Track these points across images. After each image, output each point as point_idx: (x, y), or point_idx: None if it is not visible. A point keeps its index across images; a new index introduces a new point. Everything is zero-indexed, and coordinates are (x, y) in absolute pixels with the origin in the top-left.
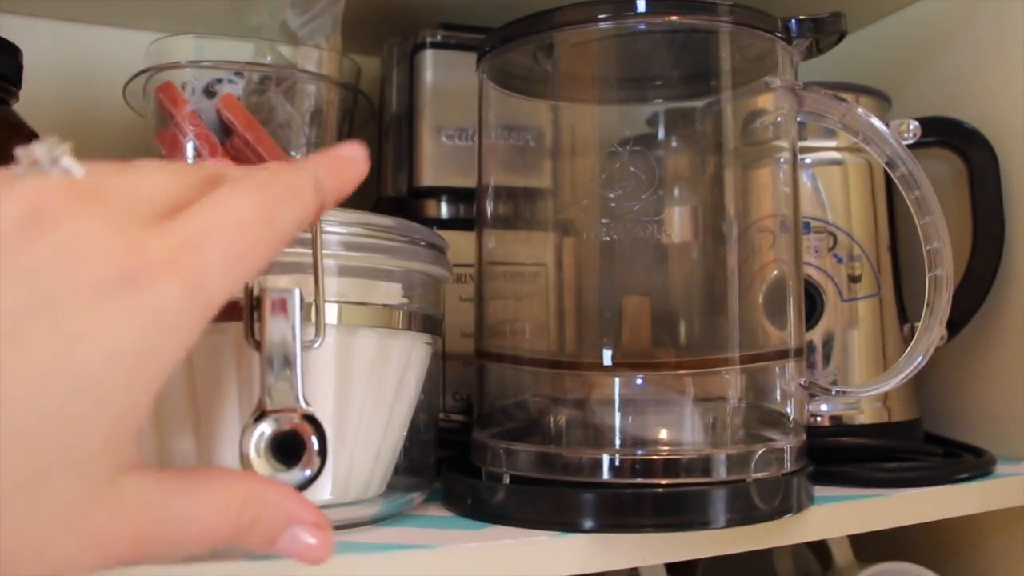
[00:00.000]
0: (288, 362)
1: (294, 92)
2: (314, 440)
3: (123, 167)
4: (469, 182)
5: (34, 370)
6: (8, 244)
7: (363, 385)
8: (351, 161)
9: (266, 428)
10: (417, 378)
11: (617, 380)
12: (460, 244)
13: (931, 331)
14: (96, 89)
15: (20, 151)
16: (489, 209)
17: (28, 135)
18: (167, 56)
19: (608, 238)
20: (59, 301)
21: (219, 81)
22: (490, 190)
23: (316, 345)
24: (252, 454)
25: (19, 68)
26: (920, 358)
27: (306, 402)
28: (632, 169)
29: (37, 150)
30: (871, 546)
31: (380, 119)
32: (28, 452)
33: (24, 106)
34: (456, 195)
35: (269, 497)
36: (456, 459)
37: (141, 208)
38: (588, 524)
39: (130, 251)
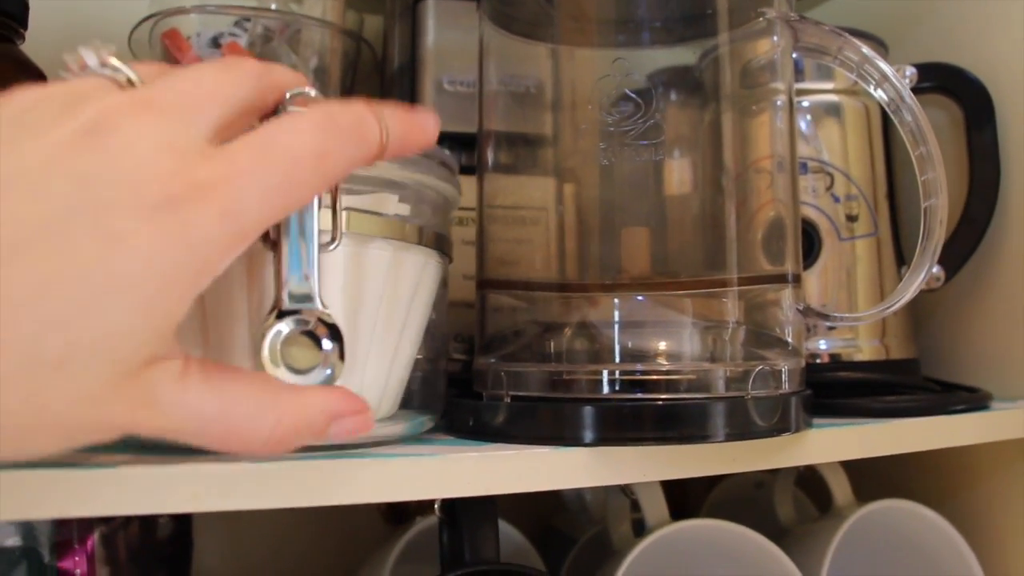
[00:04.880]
0: (306, 261)
1: (298, 42)
2: (331, 341)
3: (181, 73)
4: (469, 128)
5: (75, 265)
6: (68, 147)
7: (376, 297)
8: (423, 128)
9: (283, 328)
10: (428, 297)
11: (616, 300)
12: (462, 188)
13: (926, 257)
14: (100, 36)
15: (68, 56)
16: (491, 154)
17: (35, 72)
18: (172, 3)
19: (607, 162)
20: (106, 208)
21: (225, 34)
22: (492, 135)
23: (332, 247)
24: (267, 354)
25: (25, 7)
26: (919, 280)
27: (323, 303)
28: (631, 94)
29: (85, 54)
30: (870, 486)
31: (383, 73)
32: (60, 335)
33: (29, 53)
34: (458, 141)
35: (306, 407)
36: (459, 392)
37: (197, 123)
38: (588, 437)
39: (178, 172)
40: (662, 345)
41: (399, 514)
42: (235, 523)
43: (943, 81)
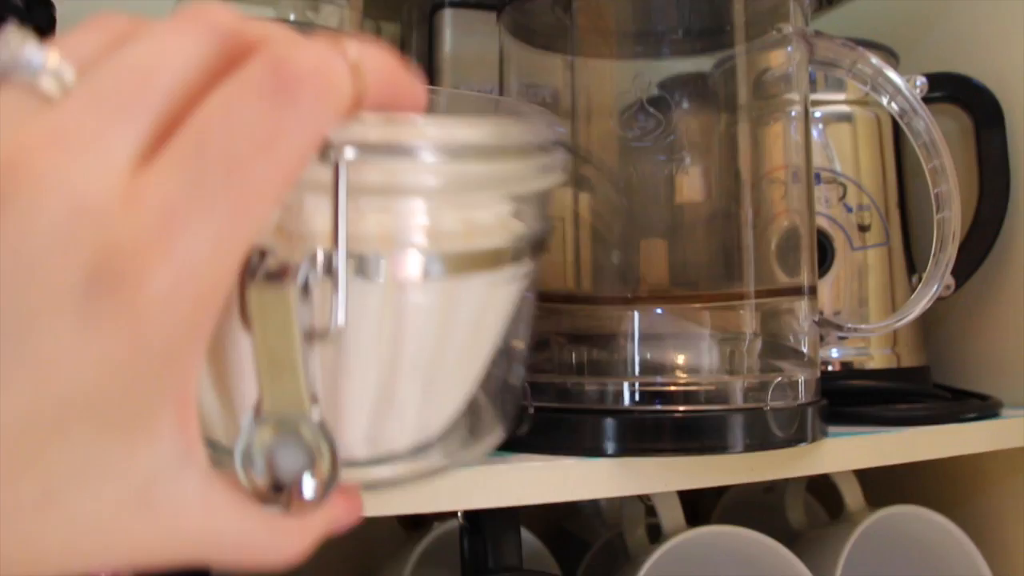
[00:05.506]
0: (287, 358)
1: None
2: (324, 447)
3: (120, 54)
4: None
5: (10, 403)
6: None
7: (457, 348)
8: (411, 89)
9: (265, 436)
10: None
11: (636, 314)
12: None
13: (939, 269)
14: None
15: None
16: None
17: None
18: None
19: (628, 186)
20: (25, 324)
21: None
22: None
23: (332, 331)
24: (242, 469)
25: (53, 21)
26: (931, 291)
27: (315, 400)
28: (650, 109)
29: (15, 47)
30: (881, 492)
31: None
32: (30, 467)
33: None
34: None
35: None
36: None
37: (125, 141)
38: (610, 448)
39: (101, 242)
40: (681, 358)
41: (416, 520)
42: None
43: (953, 91)
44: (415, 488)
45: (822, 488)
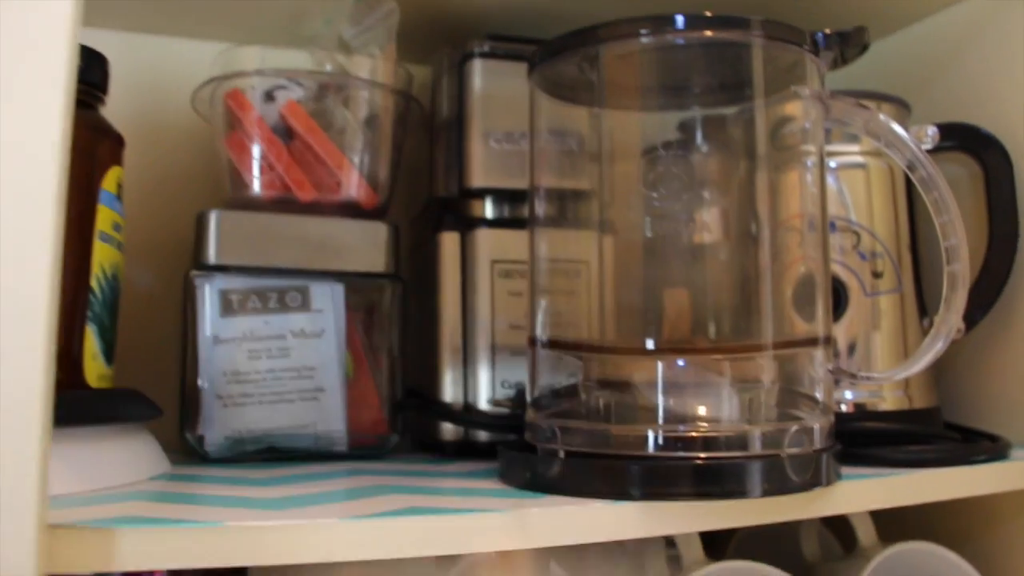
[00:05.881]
0: None
1: (350, 99)
2: None
3: None
4: (514, 183)
5: None
6: None
7: None
8: None
9: None
10: None
11: (660, 364)
12: (507, 241)
13: (949, 319)
14: (161, 95)
15: None
16: (540, 209)
17: (114, 137)
18: (234, 65)
19: (651, 234)
20: None
21: (280, 88)
22: (541, 192)
23: None
24: None
25: (106, 75)
26: (939, 345)
27: None
28: (674, 170)
29: None
30: (892, 530)
31: (431, 123)
32: None
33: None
34: (502, 196)
35: None
36: (508, 441)
37: None
38: (636, 493)
39: None
40: (702, 408)
41: None
42: None
43: (963, 140)
44: (447, 530)
45: (836, 520)
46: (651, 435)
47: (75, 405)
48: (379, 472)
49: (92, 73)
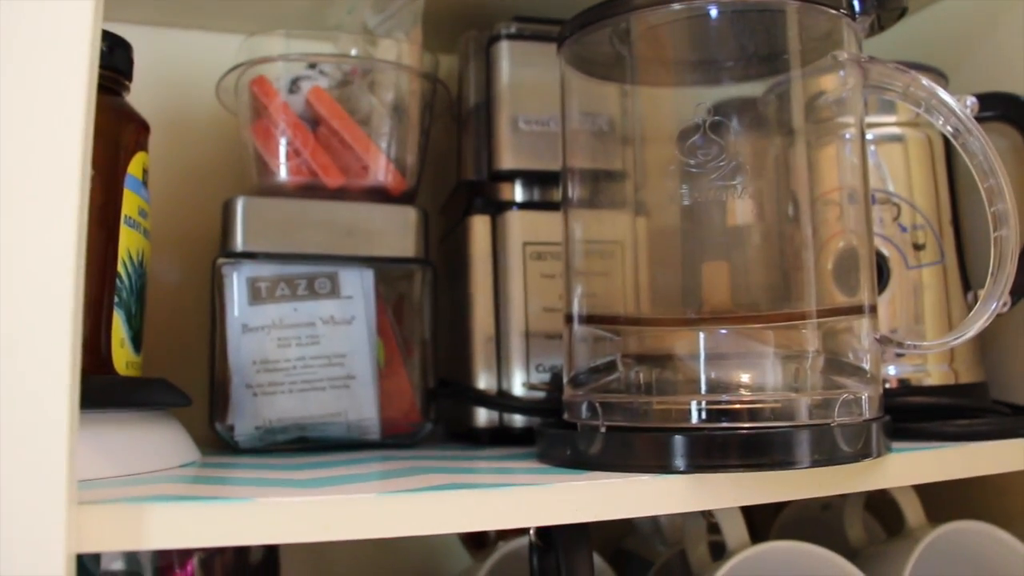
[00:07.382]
0: None
1: (376, 83)
2: None
3: None
4: (543, 165)
5: None
6: None
7: None
8: None
9: None
10: None
11: (701, 334)
12: (538, 223)
13: (998, 287)
14: (185, 89)
15: None
16: (574, 190)
17: (139, 122)
18: (258, 53)
19: (689, 203)
20: None
21: (305, 77)
22: (574, 172)
23: None
24: None
25: (131, 62)
26: (993, 306)
27: None
28: (712, 135)
29: None
30: (939, 507)
31: (458, 111)
32: None
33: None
34: (532, 178)
35: None
36: (546, 422)
37: None
38: (682, 465)
39: None
40: (746, 377)
41: (480, 540)
42: (320, 548)
43: (1004, 110)
44: (487, 504)
45: (879, 506)
46: (695, 406)
47: (103, 389)
48: (414, 457)
49: (116, 59)
